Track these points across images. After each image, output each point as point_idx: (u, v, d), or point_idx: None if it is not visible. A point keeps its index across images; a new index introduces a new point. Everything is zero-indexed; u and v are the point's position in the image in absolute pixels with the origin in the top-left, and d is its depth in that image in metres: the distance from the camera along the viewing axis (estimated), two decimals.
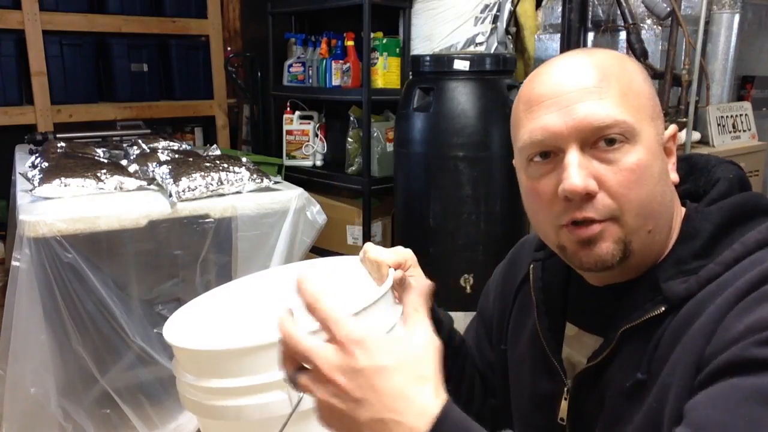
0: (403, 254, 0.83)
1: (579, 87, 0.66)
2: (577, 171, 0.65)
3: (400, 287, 0.80)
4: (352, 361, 0.51)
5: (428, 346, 0.54)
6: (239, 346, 0.64)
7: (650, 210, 0.66)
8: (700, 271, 0.64)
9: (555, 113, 0.67)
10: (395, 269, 0.80)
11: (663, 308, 0.65)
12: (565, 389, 0.76)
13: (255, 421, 0.65)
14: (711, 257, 0.65)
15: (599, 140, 0.65)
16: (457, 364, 0.93)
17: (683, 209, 0.72)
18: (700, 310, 0.62)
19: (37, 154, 2.15)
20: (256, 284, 0.89)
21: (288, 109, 3.26)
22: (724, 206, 0.68)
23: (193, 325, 0.79)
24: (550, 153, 0.68)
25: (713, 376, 0.56)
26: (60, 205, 1.68)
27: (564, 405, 0.76)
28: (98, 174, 1.85)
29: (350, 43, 2.93)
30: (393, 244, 0.84)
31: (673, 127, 0.72)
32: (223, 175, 1.84)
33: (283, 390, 0.63)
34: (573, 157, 0.66)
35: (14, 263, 1.54)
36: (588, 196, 0.65)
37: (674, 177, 0.71)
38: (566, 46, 2.36)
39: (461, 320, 1.01)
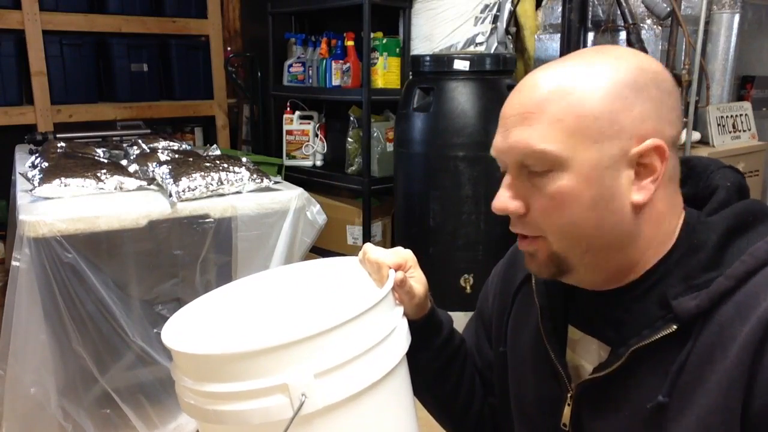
0: (403, 255, 0.83)
1: (516, 112, 0.68)
2: (502, 192, 0.70)
3: (401, 288, 0.80)
4: None
5: None
6: (239, 350, 0.63)
7: (576, 235, 0.67)
8: (710, 284, 0.64)
9: (500, 135, 0.70)
10: (395, 270, 0.80)
11: (674, 327, 0.65)
12: (569, 395, 0.75)
13: (256, 425, 0.65)
14: (719, 268, 0.64)
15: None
16: (458, 364, 0.93)
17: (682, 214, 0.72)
18: (725, 337, 0.62)
19: (37, 154, 2.15)
20: (255, 285, 0.88)
21: (288, 109, 3.26)
22: (726, 215, 0.67)
23: (192, 328, 0.78)
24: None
25: None
26: (60, 205, 1.68)
27: (567, 411, 0.75)
28: (98, 174, 1.85)
29: (350, 43, 2.93)
30: (393, 244, 0.84)
31: (648, 143, 0.65)
32: (223, 175, 1.84)
33: (285, 394, 0.63)
34: (506, 178, 0.71)
35: (14, 263, 1.54)
36: (518, 214, 0.70)
37: (637, 198, 0.66)
38: (566, 46, 2.36)
39: (461, 320, 1.01)
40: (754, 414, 0.59)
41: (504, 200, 0.70)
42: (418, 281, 0.83)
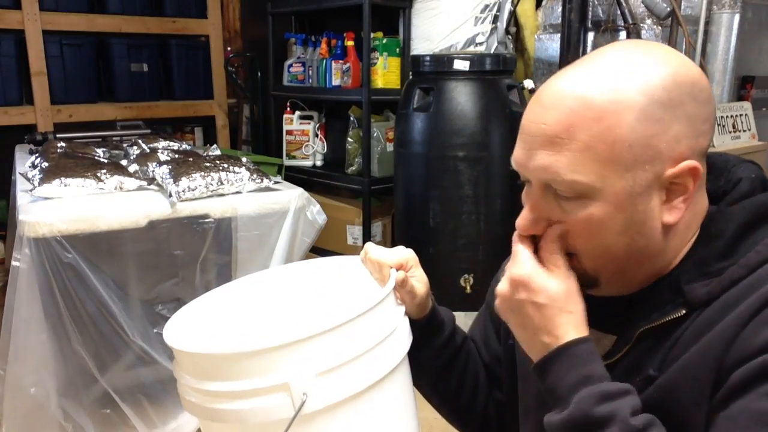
0: (405, 254, 0.82)
1: (541, 132, 0.64)
2: (527, 213, 0.69)
3: (402, 288, 0.80)
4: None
5: (570, 290, 0.66)
6: (241, 349, 0.63)
7: (607, 257, 0.66)
8: (723, 273, 0.64)
9: (522, 150, 0.67)
10: (397, 269, 0.80)
11: (683, 311, 0.65)
12: None
13: (257, 424, 0.65)
14: (733, 257, 0.64)
15: None
16: (460, 362, 0.93)
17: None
18: (723, 313, 0.62)
19: (37, 154, 2.15)
20: (255, 285, 0.88)
21: (288, 109, 3.26)
22: (747, 206, 0.67)
23: (193, 327, 0.79)
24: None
25: (729, 397, 0.58)
26: (60, 205, 1.68)
27: None
28: (98, 174, 1.85)
29: (350, 43, 2.93)
30: (393, 244, 0.85)
31: (682, 165, 0.63)
32: (223, 175, 1.84)
33: (286, 393, 0.63)
34: (531, 196, 0.68)
35: (14, 263, 1.54)
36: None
37: (668, 218, 0.65)
38: (566, 46, 2.36)
39: (461, 320, 1.01)
40: (725, 368, 0.59)
41: (529, 223, 0.68)
42: (419, 280, 0.83)
